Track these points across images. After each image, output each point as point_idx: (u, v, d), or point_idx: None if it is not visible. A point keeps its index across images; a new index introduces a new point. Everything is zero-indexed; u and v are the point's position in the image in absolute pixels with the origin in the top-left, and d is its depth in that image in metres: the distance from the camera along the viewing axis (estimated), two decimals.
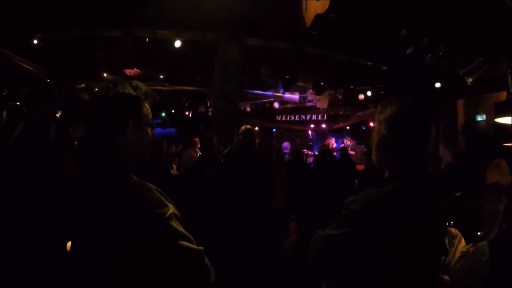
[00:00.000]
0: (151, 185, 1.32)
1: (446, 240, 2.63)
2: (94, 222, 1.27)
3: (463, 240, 2.64)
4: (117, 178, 1.31)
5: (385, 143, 1.51)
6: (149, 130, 1.48)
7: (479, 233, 2.62)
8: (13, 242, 3.21)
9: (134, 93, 1.41)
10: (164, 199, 1.32)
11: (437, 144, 10.02)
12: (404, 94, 1.53)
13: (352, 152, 12.56)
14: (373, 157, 1.58)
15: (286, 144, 11.23)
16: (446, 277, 2.25)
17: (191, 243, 1.30)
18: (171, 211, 1.29)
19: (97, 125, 1.38)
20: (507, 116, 3.84)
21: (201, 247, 1.33)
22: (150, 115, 1.49)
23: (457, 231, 2.69)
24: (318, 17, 4.41)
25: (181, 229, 1.30)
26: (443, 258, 2.49)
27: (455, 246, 2.60)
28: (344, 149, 9.96)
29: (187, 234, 1.31)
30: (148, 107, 1.47)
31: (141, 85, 1.47)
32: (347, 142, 14.46)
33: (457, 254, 2.51)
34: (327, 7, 4.13)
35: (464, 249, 2.38)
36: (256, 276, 4.84)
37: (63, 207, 2.94)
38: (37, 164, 3.43)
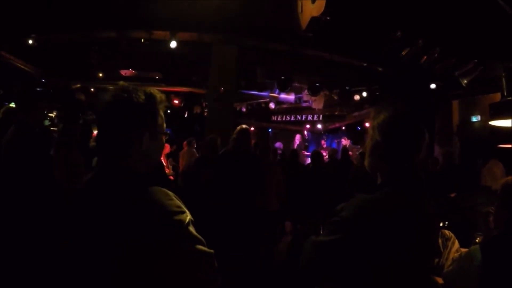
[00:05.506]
0: (169, 192, 1.32)
1: (440, 242, 2.65)
2: (111, 229, 1.25)
3: (456, 242, 2.66)
4: (135, 185, 1.30)
5: (378, 149, 1.52)
6: (163, 138, 1.46)
7: (478, 239, 2.64)
8: (9, 246, 3.19)
9: (150, 103, 1.39)
10: (182, 205, 1.32)
11: (432, 145, 10.05)
12: (397, 100, 1.54)
13: (350, 153, 12.54)
14: (366, 163, 1.59)
15: (278, 144, 11.25)
16: (439, 279, 2.26)
17: (205, 246, 1.32)
18: (189, 217, 1.31)
19: (112, 134, 1.35)
20: (501, 119, 3.86)
21: (212, 250, 1.35)
22: (164, 124, 1.47)
23: (450, 233, 2.70)
24: (313, 19, 4.40)
25: (197, 234, 1.32)
26: (437, 260, 2.51)
27: (448, 248, 2.62)
28: (345, 149, 9.94)
29: (201, 238, 1.33)
30: (162, 116, 1.45)
31: (155, 92, 1.43)
32: (344, 141, 14.47)
33: (451, 256, 2.53)
34: (322, 9, 4.13)
35: (457, 253, 2.40)
36: (250, 278, 4.84)
37: (59, 212, 2.92)
38: (32, 168, 3.38)
